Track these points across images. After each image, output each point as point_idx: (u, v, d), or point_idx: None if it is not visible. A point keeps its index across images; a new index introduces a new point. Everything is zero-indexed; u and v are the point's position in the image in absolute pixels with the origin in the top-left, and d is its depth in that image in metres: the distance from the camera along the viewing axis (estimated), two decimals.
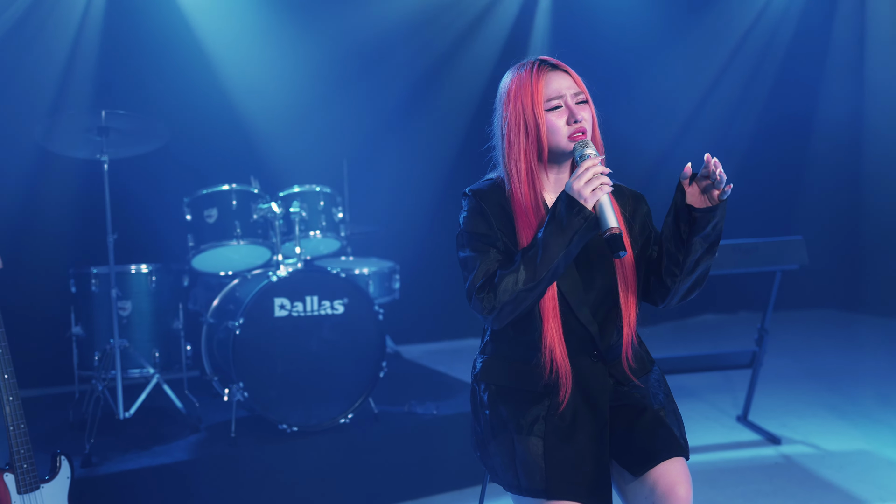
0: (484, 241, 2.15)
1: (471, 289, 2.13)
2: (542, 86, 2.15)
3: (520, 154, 2.16)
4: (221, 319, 3.99)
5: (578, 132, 2.13)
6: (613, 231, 2.00)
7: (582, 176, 2.03)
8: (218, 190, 4.24)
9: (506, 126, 2.18)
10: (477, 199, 2.19)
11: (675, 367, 4.52)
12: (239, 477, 3.57)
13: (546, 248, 2.04)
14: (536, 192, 2.17)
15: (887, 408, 4.88)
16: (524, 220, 2.16)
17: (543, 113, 2.14)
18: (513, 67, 2.24)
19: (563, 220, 2.03)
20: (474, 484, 3.92)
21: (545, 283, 2.07)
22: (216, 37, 5.84)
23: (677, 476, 2.08)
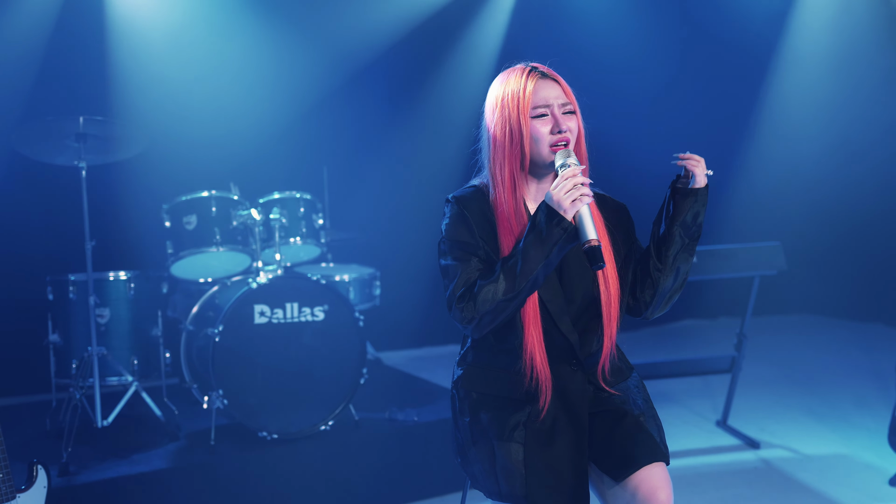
0: (465, 249, 2.16)
1: (451, 298, 2.13)
2: (530, 93, 2.15)
3: (504, 160, 2.17)
4: (201, 326, 3.96)
5: (561, 142, 2.14)
6: (592, 243, 2.01)
7: (562, 186, 2.04)
8: (197, 196, 4.22)
9: (492, 130, 2.19)
10: (459, 206, 2.19)
11: (656, 373, 4.54)
12: (218, 485, 3.55)
13: (526, 258, 2.04)
14: (518, 199, 2.18)
15: (865, 412, 4.92)
16: (506, 226, 2.16)
17: (529, 120, 2.14)
18: (503, 72, 2.24)
19: (542, 230, 2.04)
20: (455, 490, 3.92)
21: (525, 294, 2.08)
22: (195, 42, 5.82)
23: (658, 481, 2.09)
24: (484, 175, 2.26)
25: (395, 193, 6.61)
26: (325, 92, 6.35)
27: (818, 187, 7.73)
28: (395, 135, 6.63)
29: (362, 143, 6.46)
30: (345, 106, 6.41)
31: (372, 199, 6.47)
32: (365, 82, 6.45)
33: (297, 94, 6.20)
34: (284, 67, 6.13)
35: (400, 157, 6.65)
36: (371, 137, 6.50)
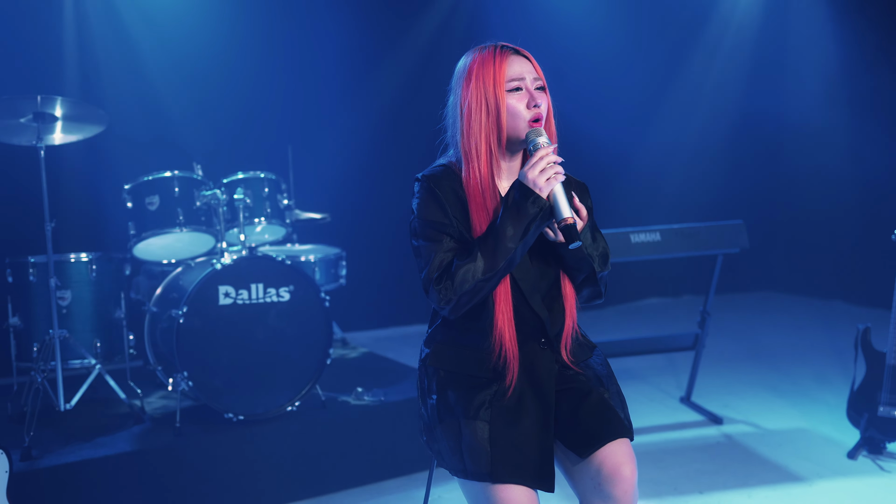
0: (438, 228, 2.15)
1: (427, 280, 2.12)
2: (505, 67, 2.15)
3: (480, 133, 2.15)
4: (165, 308, 3.93)
5: (536, 118, 2.14)
6: (568, 221, 2.03)
7: (536, 165, 2.05)
8: (160, 176, 4.17)
9: (465, 106, 2.17)
10: (430, 184, 2.18)
11: (620, 351, 4.58)
12: (184, 467, 3.53)
13: (502, 237, 2.05)
14: (493, 174, 2.17)
15: (824, 387, 5.01)
16: (478, 202, 2.15)
17: (504, 93, 2.14)
18: (472, 49, 2.22)
19: (518, 209, 2.05)
20: (422, 469, 3.94)
21: (502, 273, 2.09)
22: (157, 20, 5.73)
23: (622, 457, 2.11)
24: (451, 154, 2.25)
25: (361, 173, 6.58)
26: (289, 70, 6.29)
27: (779, 167, 7.82)
28: (360, 113, 6.59)
29: (327, 121, 6.42)
30: (309, 84, 6.35)
31: (337, 179, 6.43)
32: (330, 60, 6.40)
33: (260, 72, 6.14)
34: (247, 45, 6.06)
35: (365, 136, 6.62)
36: (336, 116, 6.46)
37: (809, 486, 3.68)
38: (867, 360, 3.95)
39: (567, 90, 6.83)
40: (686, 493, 3.62)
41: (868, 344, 3.96)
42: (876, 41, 6.86)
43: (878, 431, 3.89)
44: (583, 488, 2.16)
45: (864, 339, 3.97)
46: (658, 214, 6.84)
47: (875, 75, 6.91)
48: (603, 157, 7.17)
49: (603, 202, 2.28)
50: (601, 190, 7.05)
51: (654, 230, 4.29)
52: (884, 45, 6.82)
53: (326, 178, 6.31)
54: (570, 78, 6.98)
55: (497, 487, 2.07)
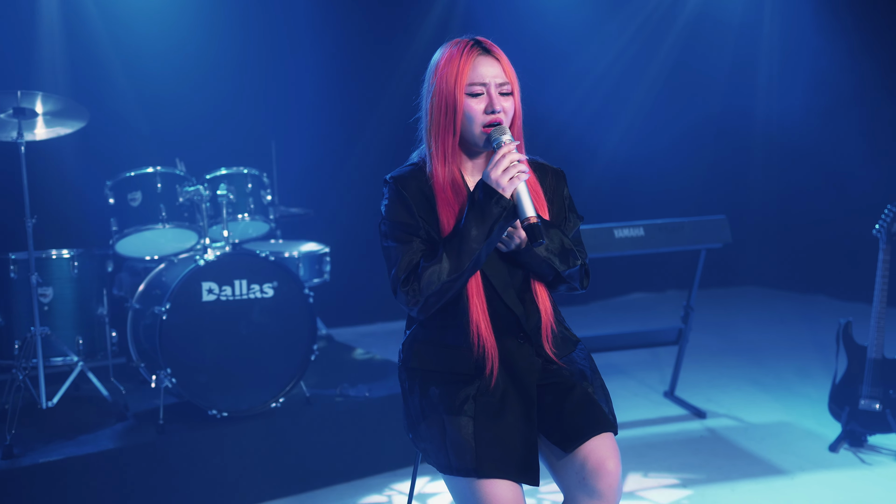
0: (405, 230, 2.16)
1: (395, 281, 2.14)
2: (468, 69, 2.14)
3: (439, 131, 2.17)
4: (147, 305, 3.91)
5: (494, 122, 2.14)
6: (531, 220, 2.04)
7: (499, 164, 2.06)
8: (142, 172, 4.15)
9: (431, 102, 2.18)
10: (397, 186, 2.19)
11: (605, 345, 4.60)
12: (168, 464, 3.51)
13: (467, 237, 2.06)
14: (455, 171, 2.18)
15: (806, 380, 5.05)
16: (444, 199, 2.17)
17: (463, 96, 2.14)
18: (447, 43, 2.22)
19: (482, 209, 2.06)
20: (407, 465, 3.94)
21: (469, 273, 2.10)
22: (138, 14, 5.68)
23: (606, 451, 2.12)
24: (422, 148, 2.26)
25: (345, 169, 6.56)
26: (273, 66, 6.26)
27: (761, 162, 7.86)
28: (344, 109, 6.57)
29: (311, 117, 6.40)
30: (292, 80, 6.33)
31: (321, 175, 6.42)
32: (313, 55, 6.37)
33: (244, 68, 6.11)
34: (230, 40, 6.02)
35: (349, 131, 6.60)
36: (320, 112, 6.44)
37: (792, 479, 3.70)
38: (848, 354, 3.98)
39: (551, 87, 6.85)
40: (670, 486, 3.64)
41: (850, 338, 3.98)
42: (857, 36, 6.90)
43: (860, 424, 3.93)
44: (567, 482, 2.17)
45: (846, 333, 3.99)
46: (641, 210, 6.87)
47: (855, 71, 6.96)
48: (586, 153, 7.19)
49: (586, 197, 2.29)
50: (585, 185, 7.09)
51: (638, 225, 4.30)
52: (865, 39, 6.86)
53: (310, 174, 6.29)
54: (554, 74, 6.99)
55: (482, 482, 2.08)
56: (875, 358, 3.87)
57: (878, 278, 3.88)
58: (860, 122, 7.01)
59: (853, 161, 7.04)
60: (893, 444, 3.97)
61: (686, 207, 7.21)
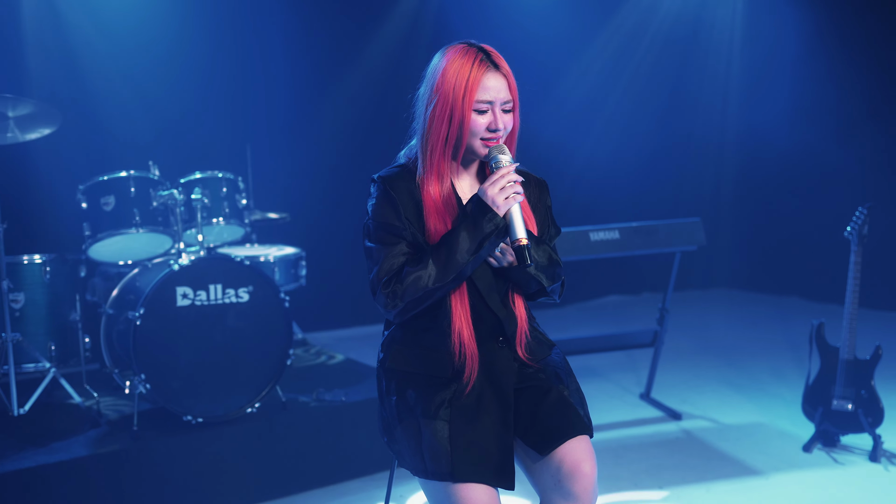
0: (391, 231, 2.15)
1: (375, 282, 2.13)
2: (478, 85, 2.12)
3: (438, 140, 2.15)
4: (121, 310, 3.87)
5: (493, 139, 2.15)
6: (521, 242, 2.07)
7: (496, 183, 2.08)
8: (115, 176, 4.11)
9: (432, 107, 2.16)
10: (385, 186, 2.18)
11: (581, 348, 4.61)
12: (143, 471, 3.48)
13: (456, 250, 2.07)
14: (447, 180, 2.18)
15: (781, 381, 5.09)
16: (433, 206, 2.16)
17: (471, 111, 2.13)
18: (453, 47, 2.18)
19: (474, 224, 2.07)
20: (383, 469, 3.93)
21: (452, 284, 2.11)
22: (110, 15, 5.63)
23: (582, 454, 2.12)
24: (413, 146, 2.24)
25: (321, 172, 6.54)
26: (248, 69, 6.23)
27: (734, 165, 7.92)
28: (320, 112, 6.55)
29: (286, 121, 6.37)
30: (268, 83, 6.30)
31: (297, 179, 6.39)
32: (289, 58, 6.35)
33: (219, 71, 6.07)
34: (205, 43, 5.99)
35: (325, 135, 6.58)
36: (295, 115, 6.41)
37: (766, 479, 3.73)
38: (821, 355, 4.01)
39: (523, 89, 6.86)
40: (646, 488, 3.65)
41: (822, 339, 4.02)
42: (834, 35, 6.97)
43: (832, 425, 3.96)
44: (543, 485, 2.17)
45: (819, 335, 4.03)
46: (617, 213, 6.90)
47: (828, 77, 7.03)
48: (560, 157, 7.21)
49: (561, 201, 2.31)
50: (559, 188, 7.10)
51: (613, 228, 4.32)
52: (842, 37, 6.93)
53: (286, 178, 6.26)
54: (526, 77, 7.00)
55: (458, 486, 2.07)
56: (847, 359, 3.91)
57: (849, 280, 3.93)
58: (832, 127, 7.09)
59: (825, 165, 7.12)
60: (866, 443, 4.01)
61: (661, 210, 7.24)
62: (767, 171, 7.68)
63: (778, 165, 7.55)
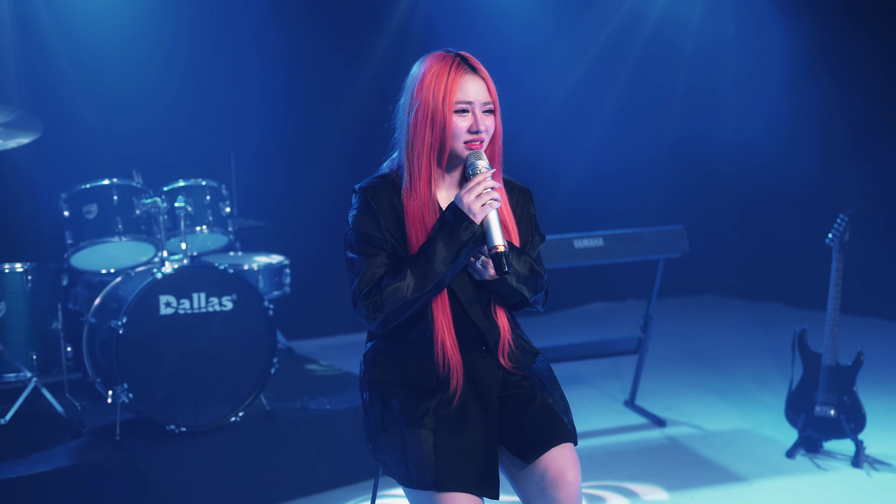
0: (372, 242, 2.15)
1: (356, 294, 2.13)
2: (456, 86, 2.14)
3: (423, 148, 2.16)
4: (104, 319, 3.85)
5: (476, 141, 2.15)
6: (498, 249, 2.07)
7: (472, 190, 2.08)
8: (98, 185, 4.09)
9: (413, 114, 2.16)
10: (367, 197, 2.18)
11: (565, 355, 4.62)
12: (125, 481, 3.46)
13: (434, 259, 2.07)
14: (432, 188, 2.18)
15: (764, 388, 5.12)
16: (416, 217, 2.16)
17: (452, 113, 2.14)
18: (431, 55, 2.20)
19: (451, 233, 2.07)
20: (368, 478, 3.92)
21: (431, 294, 2.11)
22: (92, 25, 5.61)
23: (566, 461, 2.13)
24: (395, 158, 2.25)
25: (305, 180, 6.53)
26: (232, 77, 6.21)
27: (718, 173, 7.97)
28: (303, 120, 6.54)
29: (270, 128, 6.36)
30: (252, 91, 6.29)
31: (281, 187, 6.38)
32: (271, 67, 6.34)
33: (202, 79, 6.06)
34: (188, 52, 5.97)
35: (309, 142, 6.58)
36: (280, 123, 6.40)
37: (750, 485, 3.75)
38: (804, 362, 4.04)
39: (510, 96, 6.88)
40: (630, 495, 3.66)
41: (805, 345, 4.05)
42: (816, 50, 7.03)
43: (815, 431, 3.99)
44: (527, 493, 2.17)
45: (801, 341, 4.06)
46: (600, 220, 6.92)
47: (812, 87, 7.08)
48: (544, 164, 7.22)
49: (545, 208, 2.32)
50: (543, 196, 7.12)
51: (597, 236, 4.33)
52: (823, 53, 6.99)
53: (269, 186, 6.25)
54: (513, 84, 7.03)
55: (442, 496, 2.07)
56: (829, 365, 3.94)
57: (831, 286, 3.96)
58: (814, 136, 7.14)
59: (807, 173, 7.17)
60: (848, 449, 4.03)
61: (644, 218, 7.27)
62: (750, 179, 7.73)
63: (761, 174, 7.60)
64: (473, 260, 2.17)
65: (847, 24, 6.83)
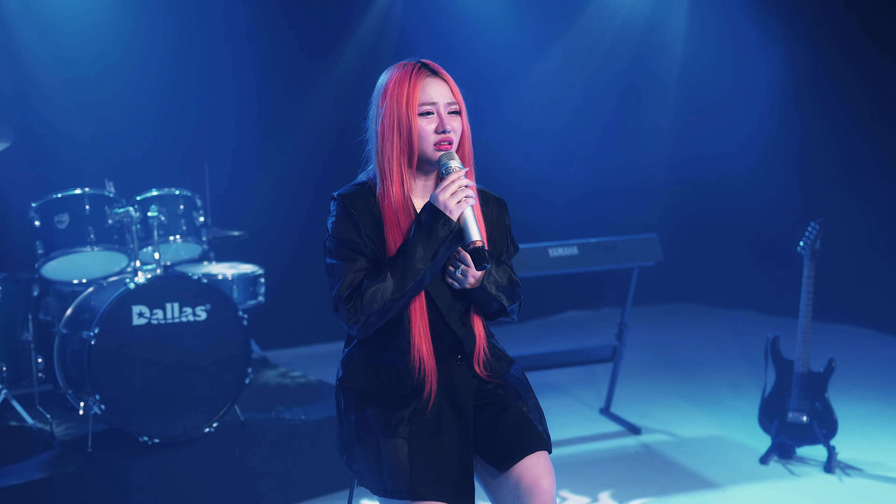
0: (351, 247, 2.16)
1: (337, 299, 2.13)
2: (418, 90, 2.17)
3: (392, 153, 2.17)
4: (75, 329, 3.81)
5: (444, 142, 2.16)
6: (476, 244, 2.09)
7: (447, 188, 2.09)
8: (69, 194, 4.06)
9: (380, 121, 2.19)
10: (345, 203, 2.19)
11: (541, 364, 4.63)
12: (98, 494, 3.42)
13: (413, 258, 2.08)
14: (406, 193, 2.19)
15: (738, 395, 5.15)
16: (393, 221, 2.17)
17: (416, 116, 2.16)
18: (394, 65, 2.24)
19: (428, 231, 2.08)
20: (343, 488, 3.90)
21: (412, 294, 2.11)
22: (63, 30, 5.56)
23: (540, 469, 2.13)
24: (371, 169, 2.26)
25: (279, 190, 6.51)
26: (206, 86, 6.19)
27: (690, 182, 8.03)
28: (278, 129, 6.53)
29: (244, 138, 6.33)
30: (226, 100, 6.26)
31: (255, 196, 6.35)
32: (247, 74, 6.32)
33: (176, 88, 6.02)
34: (160, 61, 5.94)
35: (283, 152, 6.56)
36: (254, 132, 6.38)
37: (724, 491, 3.77)
38: (776, 368, 4.07)
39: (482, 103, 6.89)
40: (605, 502, 3.67)
41: (777, 352, 4.09)
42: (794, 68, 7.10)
43: (788, 437, 4.02)
44: (502, 502, 2.17)
45: (774, 348, 4.09)
46: (575, 229, 6.95)
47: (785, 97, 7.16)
48: (518, 174, 7.25)
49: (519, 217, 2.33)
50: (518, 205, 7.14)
51: (572, 244, 4.35)
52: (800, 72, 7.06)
53: (244, 195, 6.22)
54: (487, 93, 7.06)
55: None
56: (802, 371, 3.98)
57: (803, 294, 4.00)
58: (786, 146, 7.22)
59: (779, 182, 7.24)
60: (821, 455, 4.07)
61: (619, 227, 7.31)
62: (723, 189, 7.79)
63: (734, 183, 7.66)
64: (452, 269, 2.18)
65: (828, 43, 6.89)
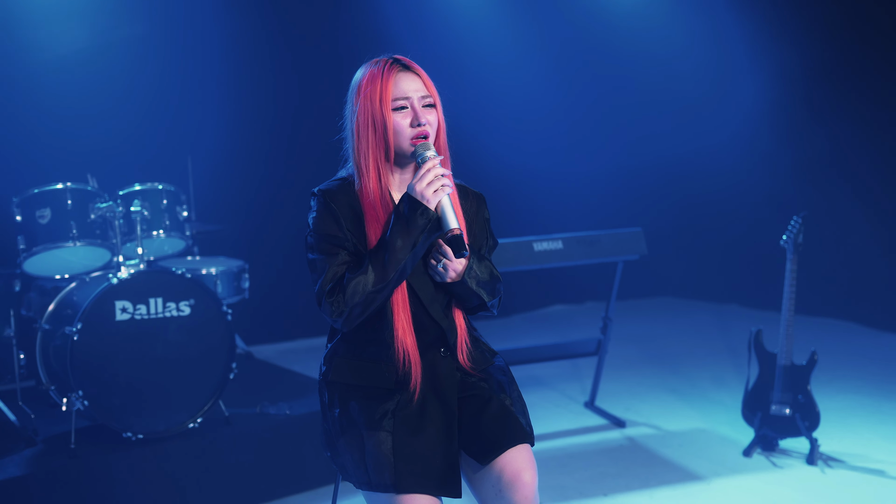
0: (332, 242, 2.16)
1: (320, 293, 2.14)
2: (391, 85, 2.18)
3: (368, 150, 2.19)
4: (58, 325, 3.78)
5: (420, 136, 2.17)
6: (455, 232, 2.10)
7: (423, 178, 2.10)
8: (51, 189, 4.03)
9: (355, 120, 2.21)
10: (326, 199, 2.20)
11: (526, 358, 4.64)
12: (81, 490, 3.40)
13: (393, 249, 2.08)
14: (384, 188, 2.20)
15: (721, 388, 5.18)
16: (372, 215, 2.18)
17: (390, 112, 2.17)
18: (366, 63, 2.26)
19: (407, 221, 2.08)
20: (328, 483, 3.90)
21: (394, 284, 2.11)
22: (41, 23, 5.51)
23: (522, 462, 2.14)
24: (350, 166, 2.27)
25: (264, 184, 6.49)
26: (188, 79, 6.15)
27: (675, 175, 8.06)
28: (262, 124, 6.50)
29: (228, 132, 6.30)
30: (209, 94, 6.23)
31: (240, 190, 6.33)
32: (229, 68, 6.29)
33: (158, 81, 5.99)
34: (142, 53, 5.90)
35: (267, 146, 6.53)
36: (237, 126, 6.35)
37: (708, 484, 3.79)
38: (760, 361, 4.10)
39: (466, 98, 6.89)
40: (590, 495, 3.68)
41: (761, 345, 4.11)
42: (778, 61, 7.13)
43: (771, 429, 4.05)
44: (484, 495, 2.18)
45: (757, 341, 4.12)
46: (559, 223, 6.96)
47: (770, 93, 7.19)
48: (501, 168, 7.25)
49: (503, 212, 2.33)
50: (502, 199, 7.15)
51: (557, 238, 4.36)
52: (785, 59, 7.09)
53: (227, 190, 6.19)
54: (469, 86, 7.05)
55: (401, 498, 2.07)
56: (784, 364, 4.00)
57: (785, 287, 4.02)
58: (770, 141, 7.25)
59: (762, 176, 7.28)
60: (803, 447, 4.10)
61: (603, 220, 7.33)
62: (707, 183, 7.82)
63: (717, 177, 7.69)
64: (434, 263, 2.18)
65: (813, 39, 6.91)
